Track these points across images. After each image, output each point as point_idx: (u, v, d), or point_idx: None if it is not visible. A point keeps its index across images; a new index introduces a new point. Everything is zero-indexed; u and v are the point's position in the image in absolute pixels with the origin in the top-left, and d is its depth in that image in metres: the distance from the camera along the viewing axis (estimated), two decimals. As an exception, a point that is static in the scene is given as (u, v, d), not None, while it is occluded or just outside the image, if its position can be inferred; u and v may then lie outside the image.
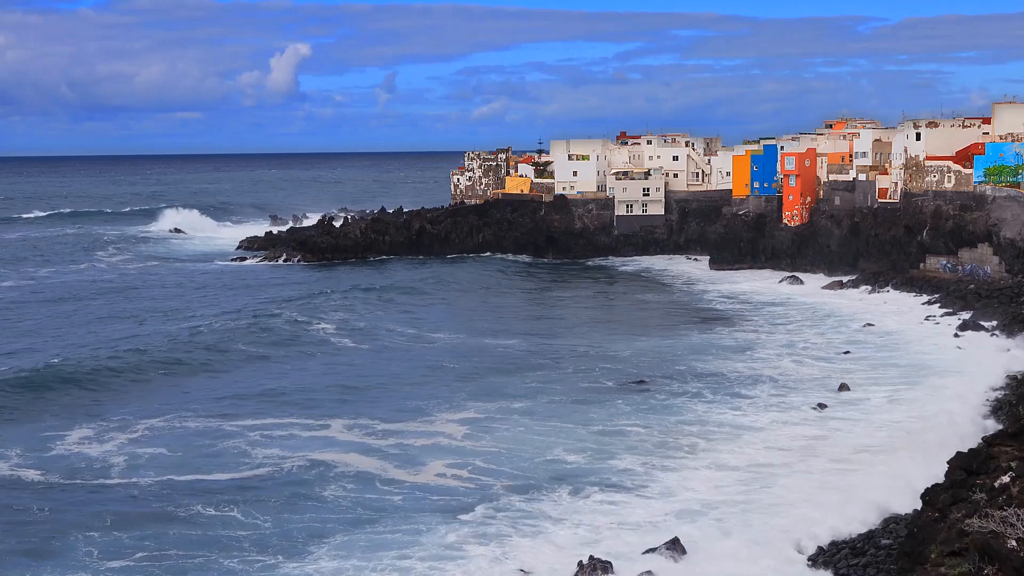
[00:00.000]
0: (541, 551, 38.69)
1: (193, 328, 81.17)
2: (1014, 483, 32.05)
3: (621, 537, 39.75)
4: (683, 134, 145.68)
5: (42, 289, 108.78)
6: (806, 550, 37.68)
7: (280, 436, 53.62)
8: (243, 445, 52.02)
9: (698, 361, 71.62)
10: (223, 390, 63.95)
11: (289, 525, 41.69)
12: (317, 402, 60.72)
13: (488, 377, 66.85)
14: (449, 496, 45.14)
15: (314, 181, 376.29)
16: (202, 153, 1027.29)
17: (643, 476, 47.05)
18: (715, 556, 37.60)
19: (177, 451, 51.19)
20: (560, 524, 41.45)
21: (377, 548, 39.34)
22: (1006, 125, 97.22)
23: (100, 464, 49.33)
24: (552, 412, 58.23)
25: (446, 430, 54.84)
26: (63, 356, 69.97)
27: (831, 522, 40.18)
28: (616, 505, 43.42)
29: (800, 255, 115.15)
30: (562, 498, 44.51)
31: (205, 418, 56.91)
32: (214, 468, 48.67)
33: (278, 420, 56.56)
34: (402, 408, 59.31)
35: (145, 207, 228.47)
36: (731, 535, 39.57)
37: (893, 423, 54.45)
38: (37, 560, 38.44)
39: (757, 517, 41.50)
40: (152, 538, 40.22)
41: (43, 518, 42.61)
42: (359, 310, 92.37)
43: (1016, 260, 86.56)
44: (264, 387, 64.69)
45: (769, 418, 56.39)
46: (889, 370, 67.17)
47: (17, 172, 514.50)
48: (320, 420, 56.55)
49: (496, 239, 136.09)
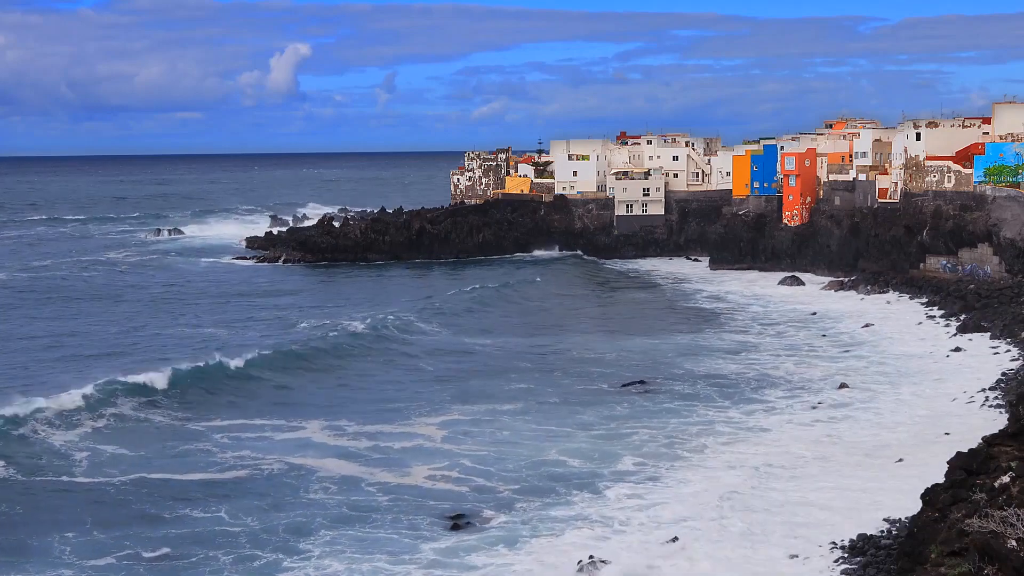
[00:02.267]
0: (541, 551, 38.65)
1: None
2: (1014, 483, 32.00)
3: (621, 537, 39.72)
4: (683, 134, 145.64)
5: (46, 288, 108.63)
6: (806, 550, 37.64)
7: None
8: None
9: (697, 361, 71.61)
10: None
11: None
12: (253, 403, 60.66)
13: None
14: (449, 495, 45.11)
15: (314, 181, 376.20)
16: (202, 153, 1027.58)
17: (643, 476, 47.00)
18: (715, 556, 37.63)
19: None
20: (560, 524, 41.37)
21: (375, 548, 39.33)
22: (1006, 125, 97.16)
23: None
24: (550, 413, 58.23)
25: (426, 432, 54.63)
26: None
27: (831, 522, 40.21)
28: (616, 505, 43.35)
29: (800, 255, 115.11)
30: (562, 498, 44.46)
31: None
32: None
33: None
34: (382, 411, 58.98)
35: (144, 207, 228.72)
36: (731, 535, 39.58)
37: (893, 423, 54.45)
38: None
39: (757, 517, 41.49)
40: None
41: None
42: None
43: (1016, 260, 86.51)
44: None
45: (769, 418, 56.37)
46: (889, 370, 67.17)
47: (20, 172, 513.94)
48: (293, 421, 56.55)
49: (496, 239, 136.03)
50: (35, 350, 75.68)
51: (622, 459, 49.49)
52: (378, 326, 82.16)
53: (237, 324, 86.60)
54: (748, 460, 48.92)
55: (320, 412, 58.34)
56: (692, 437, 52.95)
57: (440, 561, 38.19)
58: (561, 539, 39.81)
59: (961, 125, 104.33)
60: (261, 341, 76.11)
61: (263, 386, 64.59)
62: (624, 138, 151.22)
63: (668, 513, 42.15)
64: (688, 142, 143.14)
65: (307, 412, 58.48)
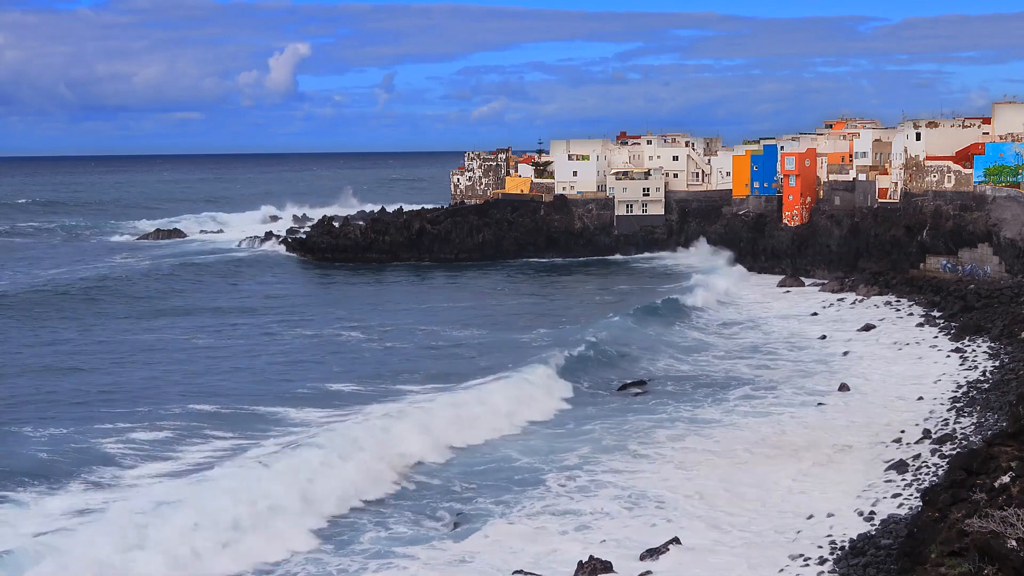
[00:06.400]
0: (540, 551, 38.63)
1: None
2: (1014, 483, 31.99)
3: (621, 537, 39.69)
4: (683, 134, 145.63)
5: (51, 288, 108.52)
6: (806, 550, 37.63)
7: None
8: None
9: (696, 361, 71.70)
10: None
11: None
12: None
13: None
14: (446, 496, 45.11)
15: (313, 181, 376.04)
16: (201, 153, 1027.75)
17: (643, 476, 46.96)
18: (715, 556, 37.61)
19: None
20: (560, 524, 41.37)
21: (374, 548, 39.35)
22: (1006, 125, 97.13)
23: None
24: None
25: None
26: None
27: (831, 522, 40.21)
28: (616, 505, 43.33)
29: (800, 255, 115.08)
30: (562, 497, 44.44)
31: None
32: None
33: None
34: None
35: (143, 209, 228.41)
36: (731, 535, 39.58)
37: (894, 423, 54.42)
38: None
39: (757, 517, 41.50)
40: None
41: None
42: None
43: (1016, 260, 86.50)
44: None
45: (769, 418, 56.37)
46: (889, 370, 67.18)
47: (27, 173, 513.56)
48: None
49: (496, 239, 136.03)
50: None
51: (624, 459, 49.49)
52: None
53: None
54: (748, 460, 48.92)
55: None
56: (693, 437, 52.90)
57: (441, 554, 38.29)
58: (561, 539, 39.79)
59: (961, 125, 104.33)
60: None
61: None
62: (624, 138, 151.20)
63: (668, 513, 42.13)
64: (688, 142, 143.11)
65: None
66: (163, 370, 68.62)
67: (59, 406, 58.55)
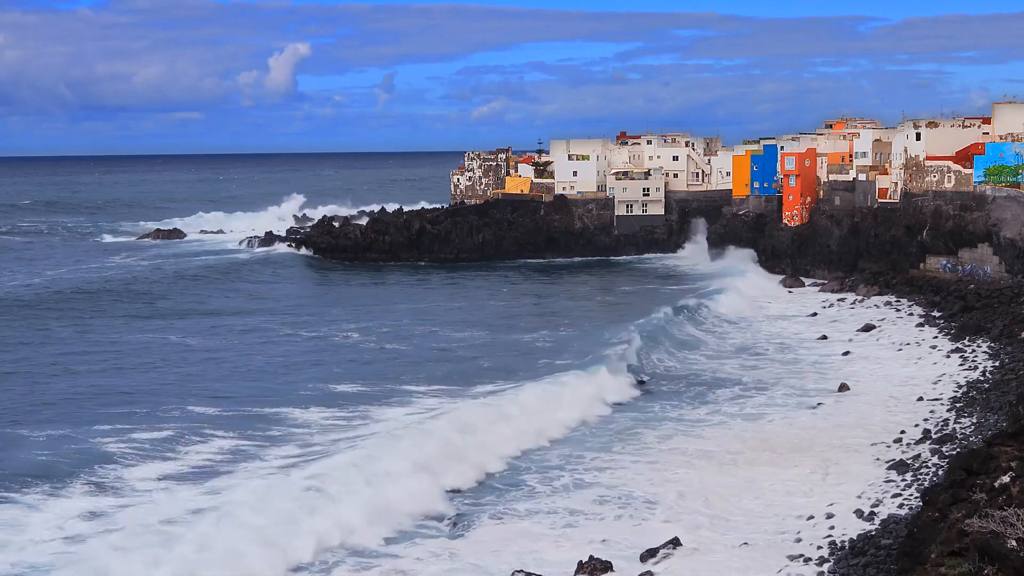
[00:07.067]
0: (540, 551, 38.66)
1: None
2: (1014, 483, 32.01)
3: (621, 537, 39.72)
4: (683, 134, 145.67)
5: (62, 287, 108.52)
6: (806, 550, 37.67)
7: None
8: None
9: (696, 361, 71.71)
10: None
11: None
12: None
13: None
14: (446, 495, 45.16)
15: (313, 181, 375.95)
16: (201, 153, 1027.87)
17: (643, 476, 46.97)
18: (715, 556, 37.61)
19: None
20: (559, 524, 41.39)
21: (372, 548, 39.40)
22: (1006, 125, 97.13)
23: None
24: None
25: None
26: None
27: (831, 522, 40.24)
28: (616, 505, 43.35)
29: (800, 255, 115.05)
30: (561, 497, 44.46)
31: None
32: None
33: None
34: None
35: (143, 209, 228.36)
36: (732, 535, 39.59)
37: (894, 423, 54.44)
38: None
39: (758, 517, 41.53)
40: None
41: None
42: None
43: (1016, 260, 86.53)
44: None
45: (769, 418, 56.41)
46: (889, 370, 67.21)
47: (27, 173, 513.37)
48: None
49: (496, 239, 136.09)
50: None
51: (624, 459, 49.45)
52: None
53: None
54: (748, 460, 48.93)
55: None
56: (692, 436, 52.92)
57: (440, 554, 38.26)
58: (561, 539, 39.79)
59: (961, 125, 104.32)
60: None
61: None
62: (624, 138, 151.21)
63: (668, 513, 42.15)
64: (688, 142, 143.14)
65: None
66: (163, 370, 68.72)
67: (58, 406, 58.60)
